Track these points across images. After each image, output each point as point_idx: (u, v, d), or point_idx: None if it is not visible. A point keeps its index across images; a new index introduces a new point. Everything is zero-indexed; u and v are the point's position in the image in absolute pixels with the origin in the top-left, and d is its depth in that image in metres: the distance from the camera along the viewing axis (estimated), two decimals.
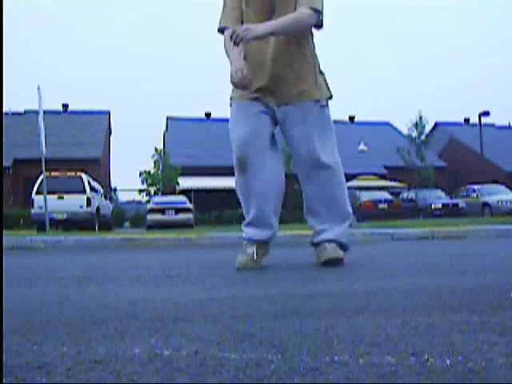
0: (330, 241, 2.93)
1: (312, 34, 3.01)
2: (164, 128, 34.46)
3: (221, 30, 2.99)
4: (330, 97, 3.02)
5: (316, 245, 3.00)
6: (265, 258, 3.04)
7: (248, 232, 2.97)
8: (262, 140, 2.87)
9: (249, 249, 2.93)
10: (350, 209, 3.02)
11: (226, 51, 2.91)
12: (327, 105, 2.99)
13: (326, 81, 3.04)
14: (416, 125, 27.67)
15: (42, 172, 10.45)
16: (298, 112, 2.89)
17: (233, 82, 2.76)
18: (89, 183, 14.52)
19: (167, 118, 34.67)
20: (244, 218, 3.03)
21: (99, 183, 18.51)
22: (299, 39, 2.90)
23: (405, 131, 28.96)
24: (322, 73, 3.03)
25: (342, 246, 2.98)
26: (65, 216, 13.72)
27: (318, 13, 2.83)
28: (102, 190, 17.06)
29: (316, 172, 2.91)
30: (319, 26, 2.91)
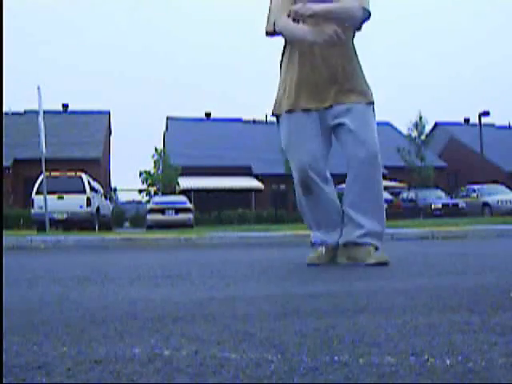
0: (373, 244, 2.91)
1: (353, 36, 3.05)
2: (164, 128, 34.47)
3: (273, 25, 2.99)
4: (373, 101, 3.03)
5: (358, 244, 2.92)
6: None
7: (317, 236, 3.04)
8: (322, 163, 2.95)
9: (319, 249, 3.00)
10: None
11: (291, 35, 2.94)
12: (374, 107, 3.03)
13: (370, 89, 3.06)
14: (416, 125, 27.65)
15: (42, 172, 10.45)
16: (353, 113, 2.90)
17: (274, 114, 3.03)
18: (89, 183, 14.52)
19: (167, 118, 34.67)
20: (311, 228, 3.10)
21: (99, 183, 18.50)
22: (346, 41, 2.94)
23: (405, 131, 28.95)
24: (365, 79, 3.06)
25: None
26: (65, 216, 13.72)
27: (367, 12, 2.94)
28: (102, 190, 17.05)
29: (373, 171, 2.92)
30: (358, 28, 3.02)
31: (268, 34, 3.03)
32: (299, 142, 2.94)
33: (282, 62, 3.09)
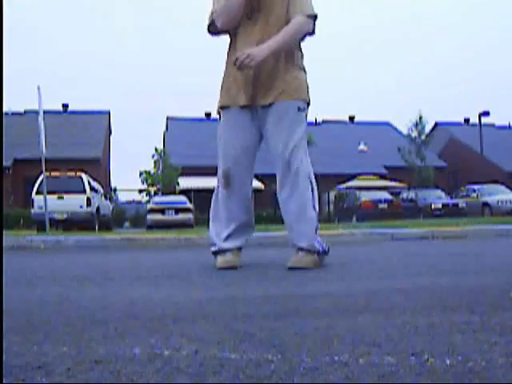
0: (301, 249, 2.83)
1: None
2: (164, 128, 34.47)
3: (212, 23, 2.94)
4: (308, 103, 2.94)
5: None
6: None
7: (223, 242, 2.96)
8: (248, 157, 2.94)
9: (228, 254, 2.93)
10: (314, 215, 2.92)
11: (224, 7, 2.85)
12: (304, 109, 2.91)
13: (307, 85, 2.95)
14: (416, 125, 27.67)
15: (42, 172, 10.44)
16: (274, 113, 2.85)
17: (218, 113, 3.02)
18: (89, 183, 14.51)
19: (167, 118, 34.67)
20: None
21: (99, 183, 18.50)
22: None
23: (405, 131, 28.96)
24: (305, 73, 2.96)
25: (317, 253, 2.86)
26: (65, 216, 13.71)
27: (314, 18, 2.88)
28: (102, 190, 17.05)
29: (287, 175, 2.86)
30: (311, 32, 2.91)
31: (209, 30, 2.98)
32: (228, 136, 2.95)
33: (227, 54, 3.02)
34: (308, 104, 2.95)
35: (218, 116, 3.09)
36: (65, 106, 33.45)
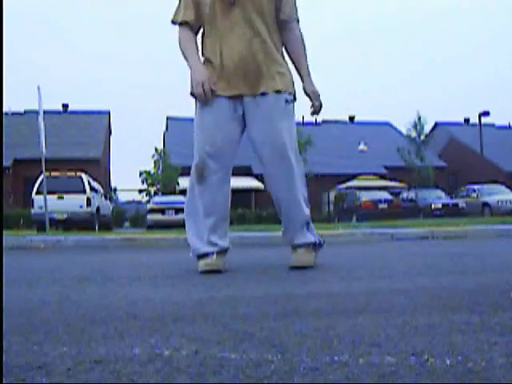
0: (302, 245, 2.80)
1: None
2: (164, 128, 34.48)
3: (177, 24, 2.86)
4: (294, 97, 2.88)
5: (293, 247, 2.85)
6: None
7: (200, 244, 2.84)
8: (226, 153, 2.79)
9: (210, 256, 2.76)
10: (307, 210, 2.85)
11: (182, 51, 2.85)
12: (292, 102, 2.85)
13: (292, 80, 2.90)
14: (415, 125, 27.66)
15: (42, 172, 10.44)
16: (262, 104, 2.76)
17: (192, 94, 2.80)
18: (89, 183, 14.52)
19: (167, 118, 34.66)
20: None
21: (99, 183, 18.51)
22: (273, 38, 2.83)
23: (405, 131, 28.95)
24: (289, 71, 2.91)
25: (315, 247, 2.84)
26: (65, 216, 13.72)
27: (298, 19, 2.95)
28: (102, 190, 17.06)
29: (282, 166, 2.75)
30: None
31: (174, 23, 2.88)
32: (206, 125, 2.79)
33: (202, 43, 2.90)
34: (294, 97, 2.88)
35: (194, 101, 2.90)
36: (65, 106, 33.45)
